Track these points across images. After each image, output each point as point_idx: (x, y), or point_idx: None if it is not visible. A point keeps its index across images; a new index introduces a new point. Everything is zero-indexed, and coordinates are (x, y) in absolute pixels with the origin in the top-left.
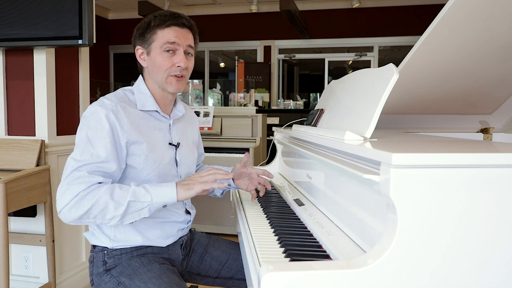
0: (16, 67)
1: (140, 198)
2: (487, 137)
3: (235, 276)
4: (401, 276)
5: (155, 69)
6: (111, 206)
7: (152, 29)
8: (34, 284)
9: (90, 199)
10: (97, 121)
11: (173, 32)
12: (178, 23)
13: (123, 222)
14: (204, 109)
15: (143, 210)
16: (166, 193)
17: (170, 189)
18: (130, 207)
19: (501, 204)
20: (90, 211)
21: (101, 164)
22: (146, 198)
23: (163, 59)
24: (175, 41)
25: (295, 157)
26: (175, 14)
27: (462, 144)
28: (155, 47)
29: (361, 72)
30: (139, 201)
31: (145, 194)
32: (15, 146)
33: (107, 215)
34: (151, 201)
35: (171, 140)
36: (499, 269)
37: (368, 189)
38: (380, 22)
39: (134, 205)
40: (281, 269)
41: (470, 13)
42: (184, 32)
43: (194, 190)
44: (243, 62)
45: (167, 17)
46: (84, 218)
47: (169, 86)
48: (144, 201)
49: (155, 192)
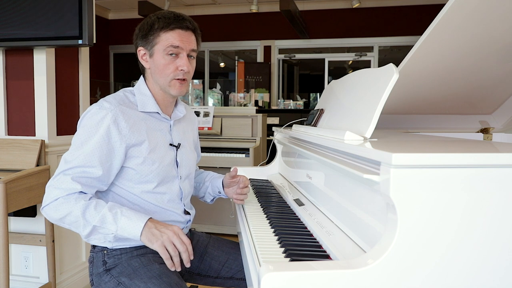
0: (16, 67)
1: (106, 226)
2: (487, 137)
3: (235, 276)
4: (401, 276)
5: (158, 72)
6: (80, 223)
7: (155, 31)
8: (34, 284)
9: (66, 209)
10: (92, 124)
11: (177, 35)
12: (182, 26)
13: (89, 241)
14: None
15: (108, 236)
16: (131, 230)
17: (136, 228)
18: (94, 231)
19: (501, 204)
20: (64, 219)
21: (86, 168)
22: (111, 229)
23: (166, 62)
24: (179, 45)
25: (295, 157)
26: (179, 16)
27: (462, 144)
28: (158, 49)
29: (361, 72)
30: (105, 227)
31: (112, 224)
32: (15, 146)
33: (78, 228)
34: (116, 232)
35: (171, 141)
36: (499, 269)
37: (368, 189)
38: (380, 22)
39: (99, 230)
40: (281, 269)
41: (470, 13)
42: (187, 35)
43: (153, 246)
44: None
45: (171, 20)
46: (60, 222)
47: (172, 90)
48: (108, 230)
49: (122, 224)
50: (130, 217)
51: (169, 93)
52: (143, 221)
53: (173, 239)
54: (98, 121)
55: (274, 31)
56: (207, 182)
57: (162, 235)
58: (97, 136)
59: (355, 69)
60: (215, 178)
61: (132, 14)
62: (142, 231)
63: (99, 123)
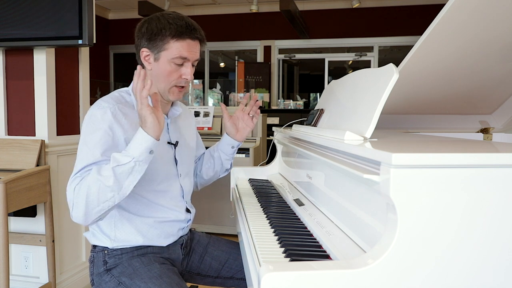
0: (16, 67)
1: (122, 161)
2: (487, 137)
3: (235, 276)
4: (401, 276)
5: (160, 77)
6: (102, 182)
7: (165, 37)
8: (34, 284)
9: (83, 188)
10: (94, 123)
11: (186, 46)
12: (192, 37)
13: (125, 190)
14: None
15: (135, 168)
16: (139, 141)
17: (140, 135)
18: (117, 174)
19: (501, 204)
20: (88, 199)
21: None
22: (126, 159)
23: (172, 69)
24: (187, 57)
25: (295, 157)
26: (191, 26)
27: (462, 144)
28: (165, 56)
29: (361, 72)
30: (122, 163)
31: (125, 155)
32: (15, 146)
33: (106, 194)
34: (133, 157)
35: (169, 139)
36: (499, 270)
37: (368, 189)
38: (380, 22)
39: (121, 169)
40: (281, 269)
41: (470, 13)
42: (195, 45)
43: (150, 117)
44: (243, 62)
45: (183, 29)
46: (89, 210)
47: (170, 95)
48: (126, 162)
49: (131, 147)
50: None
51: (167, 98)
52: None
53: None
54: (99, 119)
55: (274, 31)
56: (215, 153)
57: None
58: (100, 133)
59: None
60: (218, 145)
61: (132, 14)
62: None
63: (100, 120)
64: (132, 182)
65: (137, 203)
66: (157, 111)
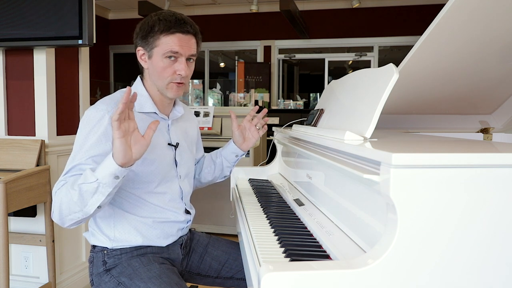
0: (16, 67)
1: (88, 179)
2: (487, 137)
3: (235, 276)
4: (401, 276)
5: (156, 74)
6: (71, 196)
7: (155, 34)
8: (34, 284)
9: (59, 196)
10: (89, 125)
11: (177, 40)
12: (183, 31)
13: (88, 208)
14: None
15: (98, 189)
16: (106, 163)
17: (108, 158)
18: (82, 191)
19: (501, 204)
20: (61, 207)
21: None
22: (92, 178)
23: (165, 65)
24: (178, 51)
25: (295, 157)
26: (180, 20)
27: (462, 144)
28: (157, 52)
29: (361, 72)
30: (88, 182)
31: (91, 174)
32: (15, 146)
33: (73, 207)
34: (97, 179)
35: (170, 140)
36: (499, 270)
37: (368, 189)
38: (380, 22)
39: (85, 187)
40: (281, 269)
41: (470, 13)
42: (187, 40)
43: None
44: (243, 62)
45: (172, 23)
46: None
47: (168, 92)
48: (91, 181)
49: (99, 168)
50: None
51: (166, 95)
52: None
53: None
54: (95, 123)
55: (274, 31)
56: (218, 159)
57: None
58: (97, 135)
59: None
60: (222, 150)
61: (132, 14)
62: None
63: (96, 124)
64: (97, 201)
65: (135, 204)
66: (139, 138)
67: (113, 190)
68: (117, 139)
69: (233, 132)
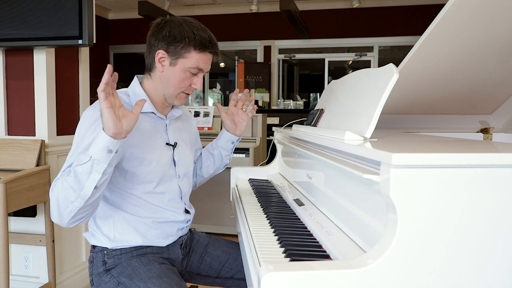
0: (16, 67)
1: (81, 160)
2: (487, 137)
3: (235, 276)
4: (401, 276)
5: (172, 82)
6: (66, 182)
7: (187, 46)
8: (34, 284)
9: (55, 189)
10: (88, 125)
11: (206, 59)
12: (213, 52)
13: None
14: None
15: (93, 168)
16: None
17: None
18: (77, 173)
19: (501, 204)
20: (58, 200)
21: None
22: (85, 158)
23: (185, 77)
24: (203, 69)
25: (295, 157)
26: (213, 40)
27: (462, 144)
28: (182, 63)
29: (361, 72)
30: (82, 162)
31: (85, 153)
32: (15, 146)
33: (70, 194)
34: (91, 156)
35: (168, 140)
36: (500, 270)
37: (368, 189)
38: (380, 22)
39: (80, 168)
40: (281, 269)
41: (469, 13)
42: (211, 59)
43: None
44: (243, 62)
45: (207, 43)
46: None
47: (176, 101)
48: (85, 161)
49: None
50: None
51: (172, 102)
52: None
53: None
54: (92, 123)
55: (274, 31)
56: (215, 150)
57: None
58: (92, 136)
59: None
60: (217, 140)
61: (132, 14)
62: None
63: (93, 124)
64: (93, 181)
65: (135, 204)
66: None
67: (109, 168)
68: (105, 109)
69: (223, 121)
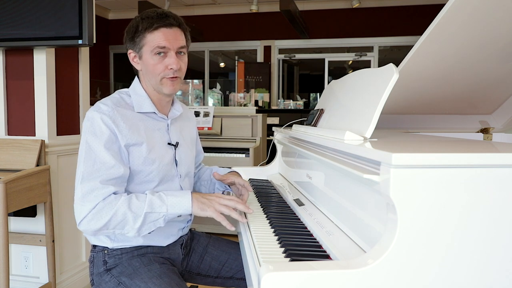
0: (16, 67)
1: (156, 209)
2: (487, 137)
3: (235, 276)
4: (401, 276)
5: (149, 73)
6: (129, 217)
7: (141, 33)
8: (34, 284)
9: (109, 211)
10: (97, 127)
11: (162, 35)
12: (166, 24)
13: (140, 233)
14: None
15: (158, 221)
16: (181, 205)
17: (185, 201)
18: (146, 218)
19: (501, 204)
20: (109, 223)
21: (109, 170)
22: (161, 209)
23: (155, 62)
24: (165, 45)
25: (295, 157)
26: (162, 14)
27: (462, 144)
28: (146, 51)
29: (361, 72)
30: (155, 211)
31: (161, 205)
32: (15, 146)
33: (126, 226)
34: (166, 212)
35: (169, 140)
36: (499, 270)
37: (368, 189)
38: (380, 22)
39: (150, 216)
40: (281, 269)
41: (470, 13)
42: (173, 33)
43: (207, 213)
44: (243, 62)
45: (154, 19)
46: (103, 229)
47: (164, 88)
48: (159, 211)
49: (170, 202)
50: (175, 194)
51: (162, 92)
52: (188, 194)
53: (221, 201)
54: (100, 123)
55: (274, 31)
56: (212, 183)
57: (211, 201)
58: (105, 136)
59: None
60: (216, 182)
61: (132, 14)
62: (192, 203)
63: (101, 124)
64: (149, 229)
65: None
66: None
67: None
68: (215, 213)
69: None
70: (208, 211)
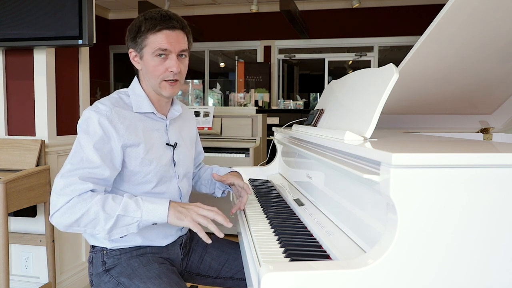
0: (16, 67)
1: (129, 213)
2: (487, 137)
3: (235, 276)
4: (400, 276)
5: (149, 74)
6: (101, 217)
7: (143, 34)
8: (34, 284)
9: (82, 207)
10: (91, 127)
11: (164, 37)
12: (169, 26)
13: (111, 236)
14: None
15: (131, 226)
16: (156, 212)
17: (161, 208)
18: (119, 221)
19: (501, 204)
20: (81, 219)
21: (93, 170)
22: (135, 214)
23: (156, 64)
24: (167, 48)
25: (295, 157)
26: (166, 16)
27: (462, 144)
28: (147, 52)
29: (361, 72)
30: (129, 215)
31: (136, 210)
32: (15, 146)
33: (97, 226)
34: (141, 218)
35: (168, 140)
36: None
37: (368, 189)
38: (380, 22)
39: (123, 220)
40: (281, 269)
41: (470, 13)
42: (175, 36)
43: (184, 223)
44: (243, 62)
45: (157, 21)
46: (74, 225)
47: (163, 91)
48: (133, 216)
49: (146, 208)
50: (152, 201)
51: (161, 94)
52: (166, 202)
53: (200, 211)
54: (95, 123)
55: (274, 31)
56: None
57: (189, 210)
58: (97, 137)
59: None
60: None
61: (132, 14)
62: (168, 212)
63: (96, 125)
64: (121, 233)
65: None
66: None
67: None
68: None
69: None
70: (185, 221)
